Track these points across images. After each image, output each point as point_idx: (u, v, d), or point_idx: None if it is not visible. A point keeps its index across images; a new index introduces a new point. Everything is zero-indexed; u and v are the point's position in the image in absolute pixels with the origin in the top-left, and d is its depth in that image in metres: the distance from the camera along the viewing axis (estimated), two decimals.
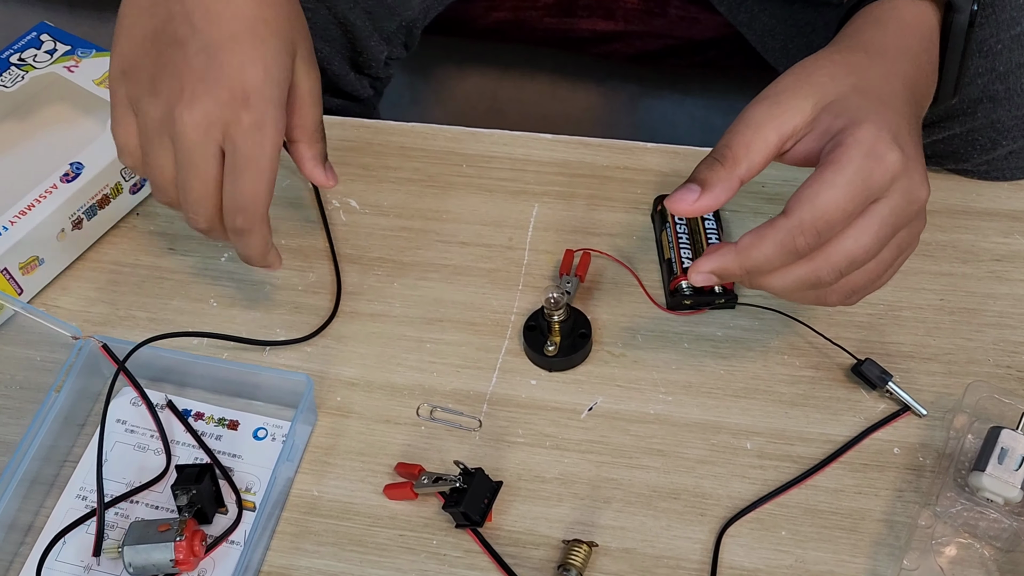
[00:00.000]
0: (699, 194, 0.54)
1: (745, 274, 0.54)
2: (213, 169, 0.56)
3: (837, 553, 0.60)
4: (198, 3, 0.55)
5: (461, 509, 0.59)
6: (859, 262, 0.54)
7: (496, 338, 0.68)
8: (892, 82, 0.57)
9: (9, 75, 0.76)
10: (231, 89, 0.54)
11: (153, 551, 0.57)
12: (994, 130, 0.71)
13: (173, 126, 0.55)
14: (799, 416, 0.65)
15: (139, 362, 0.65)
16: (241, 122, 0.55)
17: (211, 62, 0.54)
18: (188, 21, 0.55)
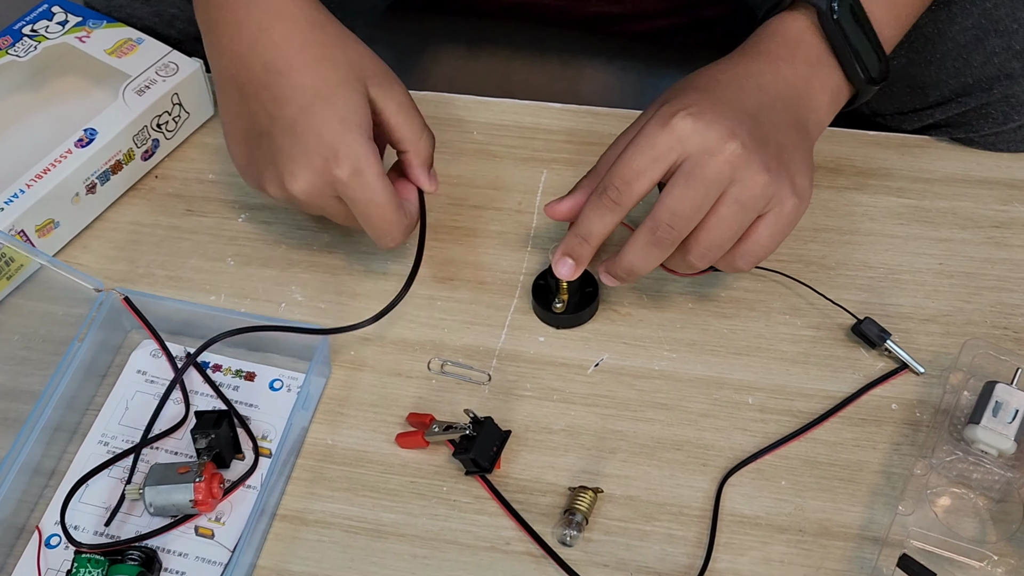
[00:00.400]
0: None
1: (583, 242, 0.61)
2: (344, 215, 0.64)
3: (835, 502, 0.62)
4: (266, 92, 0.61)
5: (471, 456, 0.60)
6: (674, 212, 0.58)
7: (505, 297, 0.70)
8: (743, 84, 0.61)
9: (22, 46, 0.78)
10: (319, 154, 0.60)
11: (173, 492, 0.59)
12: (1008, 105, 0.72)
13: (296, 202, 0.63)
14: (800, 373, 0.67)
15: (159, 315, 0.67)
16: (340, 178, 0.61)
17: (295, 139, 0.60)
18: (266, 113, 0.62)
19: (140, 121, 0.74)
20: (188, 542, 0.60)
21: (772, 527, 0.61)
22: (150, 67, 0.76)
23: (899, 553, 0.57)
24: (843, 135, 0.78)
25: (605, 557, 0.60)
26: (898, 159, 0.77)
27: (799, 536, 0.60)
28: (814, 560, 0.60)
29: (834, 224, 0.73)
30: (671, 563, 0.60)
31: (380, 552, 0.60)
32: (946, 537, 0.58)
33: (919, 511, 0.59)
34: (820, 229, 0.73)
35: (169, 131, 0.77)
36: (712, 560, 0.60)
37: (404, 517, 0.61)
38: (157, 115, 0.75)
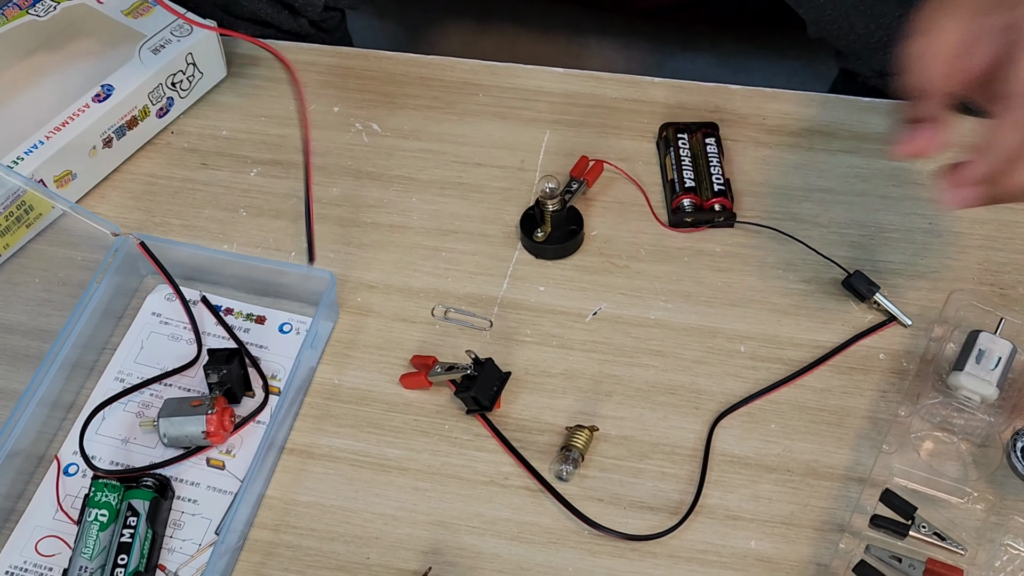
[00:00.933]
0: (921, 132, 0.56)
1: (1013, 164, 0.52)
2: None
3: (823, 445, 0.64)
4: None
5: (472, 394, 0.63)
6: None
7: (508, 248, 0.73)
8: None
9: (42, 6, 0.81)
10: None
11: (186, 423, 0.61)
12: None
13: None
14: (791, 324, 0.69)
15: (174, 261, 0.69)
16: None
17: None
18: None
19: (155, 79, 0.77)
20: (200, 472, 0.62)
21: (761, 467, 0.63)
22: (165, 27, 0.79)
23: (882, 490, 0.60)
24: (838, 101, 0.80)
25: (600, 492, 0.62)
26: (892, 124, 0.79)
27: (787, 475, 0.63)
28: (801, 498, 0.62)
29: (828, 185, 0.76)
30: (663, 498, 0.62)
31: (384, 484, 0.63)
32: (928, 475, 0.60)
33: (902, 452, 0.62)
34: (813, 189, 0.75)
35: (183, 90, 0.80)
36: (703, 496, 0.62)
37: (407, 453, 0.64)
38: (172, 74, 0.78)
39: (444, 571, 0.59)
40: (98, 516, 0.58)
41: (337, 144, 0.78)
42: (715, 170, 0.74)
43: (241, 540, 0.60)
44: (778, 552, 0.60)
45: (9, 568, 0.59)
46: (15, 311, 0.70)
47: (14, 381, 0.66)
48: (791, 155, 0.77)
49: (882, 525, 0.58)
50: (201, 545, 0.60)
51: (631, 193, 0.75)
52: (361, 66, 0.83)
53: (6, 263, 0.72)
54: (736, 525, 0.61)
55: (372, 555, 0.60)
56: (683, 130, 0.76)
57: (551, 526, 0.61)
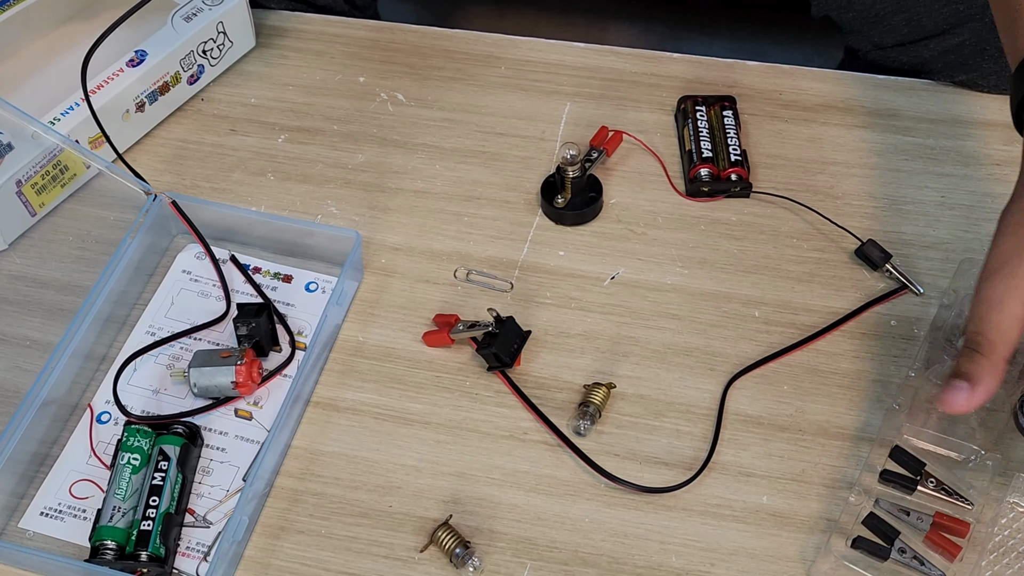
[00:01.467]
0: (969, 390, 0.54)
1: None
2: None
3: (834, 406, 0.65)
4: None
5: (493, 350, 0.65)
6: None
7: (528, 214, 0.74)
8: None
9: None
10: None
11: (216, 374, 0.63)
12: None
13: None
14: (804, 291, 0.71)
15: (204, 221, 0.71)
16: None
17: None
18: None
19: (187, 46, 0.79)
20: (228, 422, 0.64)
21: (774, 426, 0.65)
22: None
23: (891, 447, 0.61)
24: (853, 78, 0.82)
25: (616, 448, 0.64)
26: (905, 100, 0.80)
27: (799, 435, 0.64)
28: (812, 456, 0.64)
29: (842, 158, 0.77)
30: (678, 455, 0.64)
31: (406, 437, 0.64)
32: (936, 433, 0.62)
33: (912, 412, 0.63)
34: (828, 163, 0.77)
35: (214, 58, 0.82)
36: (716, 453, 0.64)
37: (429, 407, 0.66)
38: (203, 41, 0.80)
39: (464, 520, 0.61)
40: (131, 460, 0.60)
41: (363, 112, 0.80)
42: (732, 141, 0.75)
43: (268, 487, 0.62)
44: (789, 507, 0.62)
45: (44, 509, 0.61)
46: (50, 267, 0.72)
47: (49, 334, 0.68)
48: (806, 129, 0.79)
49: (891, 480, 0.60)
50: (229, 491, 0.62)
51: (649, 163, 0.77)
52: (387, 39, 0.85)
53: (42, 221, 0.74)
54: (748, 481, 0.63)
55: (394, 503, 0.62)
56: (701, 103, 0.78)
57: (568, 479, 0.63)
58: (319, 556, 0.60)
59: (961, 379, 0.54)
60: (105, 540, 0.58)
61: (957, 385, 0.54)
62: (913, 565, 0.57)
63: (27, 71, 0.80)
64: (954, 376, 0.55)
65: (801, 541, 0.60)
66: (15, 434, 0.60)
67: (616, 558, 0.60)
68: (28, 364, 0.67)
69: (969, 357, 0.54)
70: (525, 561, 0.60)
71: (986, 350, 0.54)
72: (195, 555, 0.60)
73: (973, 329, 0.54)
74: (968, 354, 0.54)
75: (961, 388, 0.54)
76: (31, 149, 0.71)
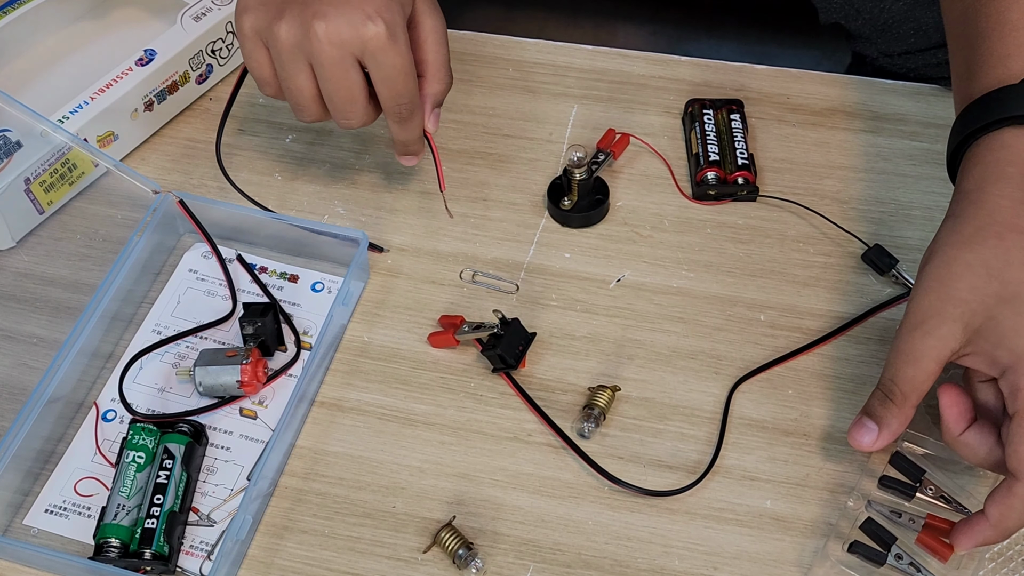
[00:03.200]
0: (877, 433, 0.58)
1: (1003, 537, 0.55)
2: (357, 79, 0.61)
3: (839, 411, 0.65)
4: None
5: (498, 352, 0.65)
6: None
7: (535, 216, 0.75)
8: None
9: None
10: (361, 8, 0.59)
11: (222, 373, 0.64)
12: None
13: (310, 45, 0.59)
14: (810, 295, 0.70)
15: (211, 220, 0.71)
16: (377, 36, 0.59)
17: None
18: None
19: (196, 45, 0.79)
20: (233, 421, 0.65)
21: (778, 430, 0.65)
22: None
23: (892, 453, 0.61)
24: (861, 83, 0.82)
25: (620, 450, 0.64)
26: (912, 105, 0.80)
27: (803, 439, 0.64)
28: (816, 461, 0.63)
29: (849, 163, 0.77)
30: (682, 458, 0.64)
31: (410, 438, 0.64)
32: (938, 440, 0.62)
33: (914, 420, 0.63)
34: (835, 167, 0.77)
35: (223, 58, 0.82)
36: (720, 457, 0.64)
37: (433, 408, 0.66)
38: (212, 41, 0.80)
39: (467, 521, 0.61)
40: (135, 458, 0.60)
41: None
42: (739, 145, 0.75)
43: (272, 486, 0.62)
44: (792, 512, 0.62)
45: (49, 506, 0.61)
46: (57, 265, 0.72)
47: (55, 331, 0.69)
48: (813, 133, 0.79)
49: (890, 486, 0.60)
50: (233, 490, 0.62)
51: (656, 166, 0.77)
52: None
53: (49, 219, 0.74)
54: (752, 485, 0.63)
55: (398, 504, 0.62)
56: (708, 106, 0.78)
57: (572, 481, 0.63)
58: (322, 556, 0.60)
59: (871, 419, 0.58)
60: (109, 538, 0.58)
61: (867, 424, 0.58)
62: (909, 571, 0.57)
63: (37, 70, 0.81)
64: (865, 413, 0.58)
65: (804, 546, 0.60)
66: (21, 431, 0.61)
67: (619, 561, 0.60)
68: (34, 361, 0.68)
69: (881, 402, 0.58)
70: (528, 563, 0.60)
71: (898, 400, 0.57)
72: (199, 554, 0.60)
73: (888, 377, 0.57)
74: (881, 399, 0.58)
75: (870, 429, 0.58)
76: (40, 147, 0.71)
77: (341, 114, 0.63)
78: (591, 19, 1.26)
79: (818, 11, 0.84)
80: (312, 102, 0.63)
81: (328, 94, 0.62)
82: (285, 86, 0.63)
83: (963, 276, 0.55)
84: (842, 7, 0.81)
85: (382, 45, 0.60)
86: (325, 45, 0.59)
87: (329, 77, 0.61)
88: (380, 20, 0.59)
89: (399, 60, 0.61)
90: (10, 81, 0.79)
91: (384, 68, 0.61)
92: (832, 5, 0.81)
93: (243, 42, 0.63)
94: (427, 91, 0.66)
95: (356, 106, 0.63)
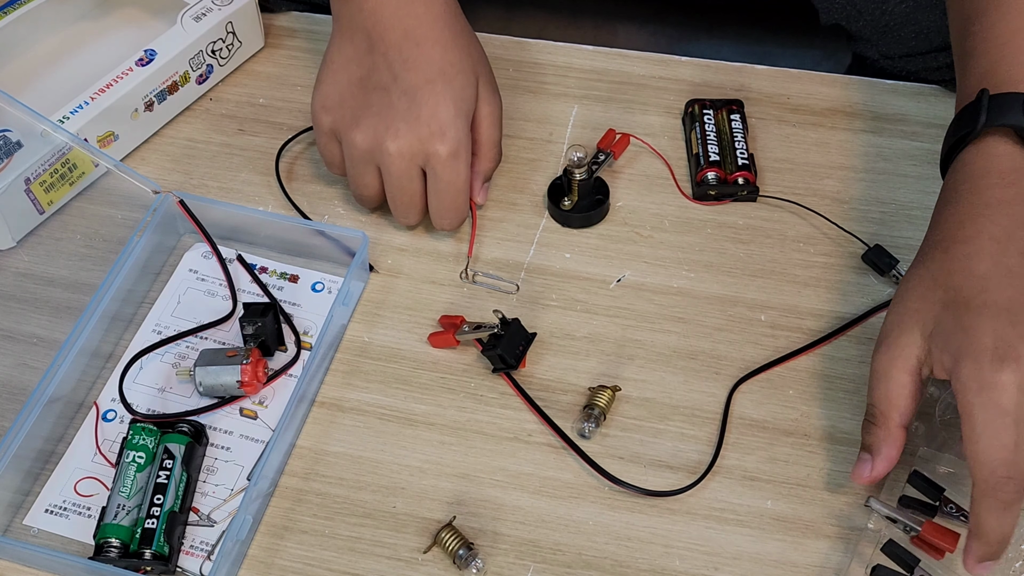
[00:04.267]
0: (871, 462, 0.58)
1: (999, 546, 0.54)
2: (418, 187, 0.68)
3: (839, 411, 0.65)
4: (398, 55, 0.66)
5: (498, 352, 0.65)
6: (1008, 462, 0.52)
7: (535, 216, 0.75)
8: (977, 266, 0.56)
9: None
10: (429, 126, 0.65)
11: (222, 372, 0.64)
12: None
13: (381, 156, 0.66)
14: (811, 295, 0.70)
15: (211, 220, 0.71)
16: (439, 154, 0.66)
17: (411, 104, 0.65)
18: (390, 70, 0.66)
19: (196, 46, 0.79)
20: (233, 421, 0.65)
21: (778, 431, 0.65)
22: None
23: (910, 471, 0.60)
24: (861, 83, 0.82)
25: (620, 451, 0.64)
26: (913, 106, 0.80)
27: (804, 440, 0.64)
28: (817, 461, 0.63)
29: (849, 163, 0.77)
30: (683, 458, 0.64)
31: (410, 438, 0.64)
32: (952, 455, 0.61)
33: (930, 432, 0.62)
34: (835, 167, 0.77)
35: (223, 58, 0.82)
36: (720, 457, 0.64)
37: (434, 408, 0.66)
38: (212, 41, 0.80)
39: (467, 521, 0.61)
40: (135, 458, 0.60)
41: None
42: (739, 145, 0.75)
43: (272, 486, 0.62)
44: (793, 512, 0.61)
45: (49, 506, 0.61)
46: (57, 265, 0.72)
47: (55, 331, 0.69)
48: (814, 133, 0.79)
49: (910, 506, 0.59)
50: (233, 490, 0.62)
51: (656, 167, 0.77)
52: None
53: (50, 219, 0.74)
54: (753, 485, 0.63)
55: (398, 504, 0.62)
56: (709, 106, 0.78)
57: (572, 481, 0.63)
58: (322, 556, 0.60)
59: (864, 451, 0.59)
60: (109, 538, 0.58)
61: (862, 457, 0.59)
62: None
63: (36, 70, 0.81)
64: (861, 449, 0.59)
65: (805, 546, 0.60)
66: (21, 431, 0.61)
67: (619, 561, 0.60)
68: (34, 361, 0.67)
69: (867, 429, 0.59)
70: (528, 563, 0.60)
71: (879, 420, 0.58)
72: (199, 554, 0.60)
73: (869, 402, 0.59)
74: (866, 426, 0.59)
75: (865, 460, 0.58)
76: (40, 147, 0.71)
77: (401, 215, 0.70)
78: (591, 19, 1.26)
79: (819, 12, 0.84)
80: (376, 198, 0.71)
81: (392, 197, 0.69)
82: (353, 182, 0.70)
83: (915, 288, 0.58)
84: (844, 8, 0.81)
85: (443, 163, 0.66)
86: (395, 159, 0.66)
87: (395, 185, 0.68)
88: (446, 139, 0.65)
89: (456, 179, 0.67)
90: (10, 81, 0.79)
91: (441, 183, 0.67)
92: (834, 6, 0.81)
93: (319, 136, 0.70)
94: (477, 168, 0.71)
95: (415, 209, 0.70)
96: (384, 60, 0.66)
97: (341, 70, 0.68)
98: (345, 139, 0.68)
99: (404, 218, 0.70)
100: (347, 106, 0.67)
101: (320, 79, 0.69)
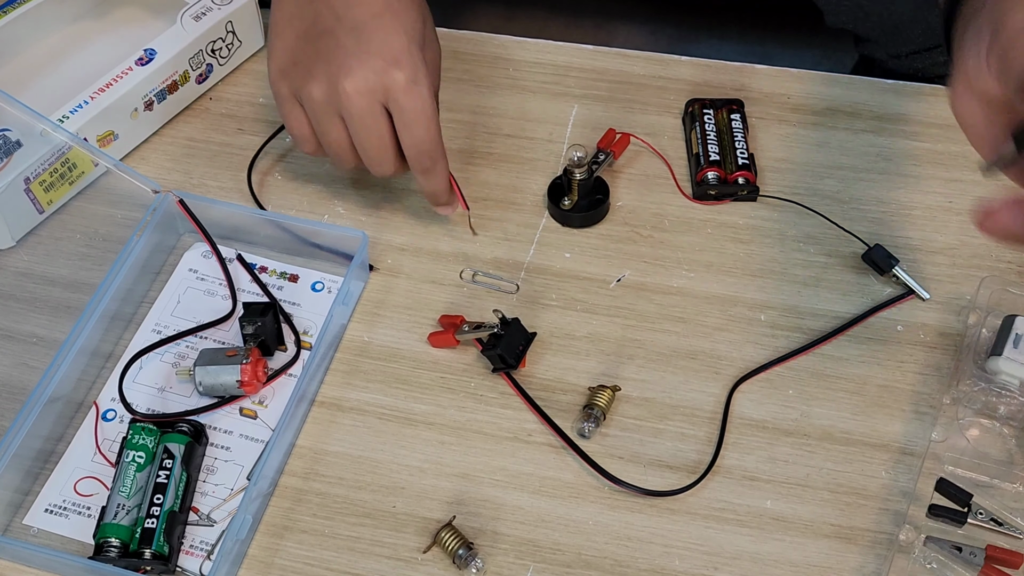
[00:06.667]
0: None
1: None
2: (385, 126, 0.64)
3: (839, 411, 0.65)
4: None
5: (498, 351, 0.65)
6: None
7: (535, 216, 0.74)
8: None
9: None
10: (382, 56, 0.62)
11: (222, 372, 0.64)
12: None
13: (339, 99, 0.62)
14: (811, 295, 0.70)
15: (211, 219, 0.71)
16: (398, 81, 0.62)
17: (360, 38, 0.62)
18: (333, 13, 0.63)
19: (196, 45, 0.79)
20: (233, 421, 0.65)
21: (778, 430, 0.65)
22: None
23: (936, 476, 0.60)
24: (861, 82, 0.82)
25: (620, 450, 0.64)
26: (913, 105, 0.80)
27: (804, 439, 0.64)
28: (816, 461, 0.63)
29: (850, 163, 0.77)
30: (682, 458, 0.64)
31: (410, 438, 0.64)
32: (975, 460, 0.61)
33: (951, 438, 0.62)
34: (836, 167, 0.77)
35: (223, 57, 0.82)
36: (720, 457, 0.63)
37: (433, 408, 0.66)
38: (212, 41, 0.80)
39: (467, 521, 0.61)
40: (135, 457, 0.60)
41: None
42: (739, 144, 0.75)
43: (272, 486, 0.62)
44: (793, 512, 0.61)
45: (49, 506, 0.61)
46: (57, 265, 0.72)
47: (55, 331, 0.69)
48: (814, 133, 0.79)
49: (940, 515, 0.59)
50: (233, 490, 0.62)
51: (656, 166, 0.77)
52: None
53: (49, 219, 0.74)
54: (752, 485, 0.63)
55: (398, 504, 0.62)
56: (709, 106, 0.78)
57: (572, 481, 0.63)
58: (322, 556, 0.60)
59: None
60: (109, 537, 0.58)
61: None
62: None
63: (37, 69, 0.81)
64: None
65: (804, 546, 0.60)
66: (20, 431, 0.61)
67: (619, 561, 0.60)
68: (34, 361, 0.67)
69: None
70: (528, 563, 0.60)
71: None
72: (199, 553, 0.60)
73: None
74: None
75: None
76: (40, 146, 0.71)
77: (374, 163, 0.65)
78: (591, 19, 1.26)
79: (824, 15, 0.84)
80: (348, 152, 0.66)
81: (360, 144, 0.65)
82: (323, 141, 0.66)
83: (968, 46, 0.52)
84: (851, 10, 0.81)
85: (404, 91, 0.62)
86: (353, 96, 0.62)
87: (359, 127, 0.63)
88: (402, 65, 0.62)
89: (420, 104, 0.63)
90: (10, 81, 0.79)
91: (406, 112, 0.63)
92: (840, 8, 0.81)
93: (281, 104, 0.66)
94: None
95: (387, 153, 0.65)
96: (325, 4, 0.64)
97: (286, 27, 0.66)
98: (303, 96, 0.64)
99: (379, 166, 0.65)
100: (300, 64, 0.64)
101: (269, 47, 0.66)
